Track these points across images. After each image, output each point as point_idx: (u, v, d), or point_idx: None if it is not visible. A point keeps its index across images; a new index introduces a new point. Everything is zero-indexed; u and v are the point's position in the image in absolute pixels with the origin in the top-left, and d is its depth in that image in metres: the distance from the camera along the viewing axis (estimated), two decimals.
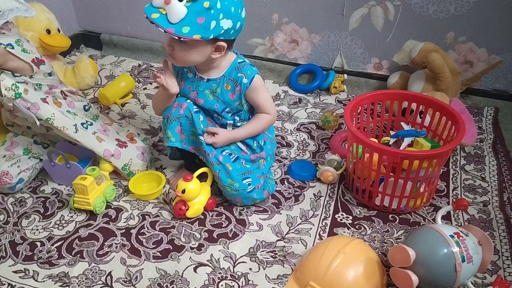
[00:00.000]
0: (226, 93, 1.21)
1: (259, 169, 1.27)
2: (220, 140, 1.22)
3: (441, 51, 1.63)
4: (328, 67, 1.87)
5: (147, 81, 1.91)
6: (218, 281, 1.08)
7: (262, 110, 1.26)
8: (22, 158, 1.33)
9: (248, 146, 1.29)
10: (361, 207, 1.29)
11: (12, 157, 1.32)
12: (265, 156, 1.29)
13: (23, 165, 1.32)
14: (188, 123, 1.22)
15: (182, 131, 1.24)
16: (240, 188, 1.21)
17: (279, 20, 1.83)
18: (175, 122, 1.23)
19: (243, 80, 1.19)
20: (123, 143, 1.37)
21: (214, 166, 1.23)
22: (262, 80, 1.23)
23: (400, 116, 1.42)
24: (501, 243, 1.17)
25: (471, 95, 1.75)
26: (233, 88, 1.20)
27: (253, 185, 1.23)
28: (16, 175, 1.29)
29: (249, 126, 1.26)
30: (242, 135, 1.26)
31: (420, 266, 0.98)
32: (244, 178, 1.23)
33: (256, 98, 1.22)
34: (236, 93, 1.21)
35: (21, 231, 1.22)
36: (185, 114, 1.21)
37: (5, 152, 1.34)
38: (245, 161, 1.26)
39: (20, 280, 1.09)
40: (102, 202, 1.26)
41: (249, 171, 1.24)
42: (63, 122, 1.26)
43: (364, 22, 1.74)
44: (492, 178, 1.39)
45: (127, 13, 2.03)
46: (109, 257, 1.14)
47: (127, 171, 1.34)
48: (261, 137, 1.30)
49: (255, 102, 1.24)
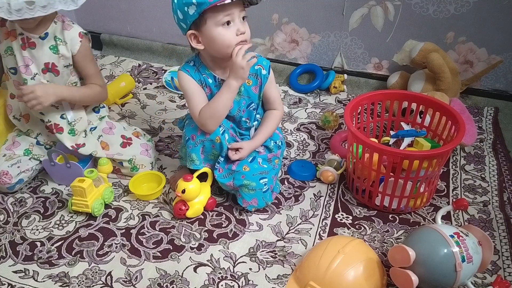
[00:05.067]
0: (249, 88, 1.22)
1: (273, 170, 1.27)
2: (246, 153, 1.23)
3: (441, 51, 1.62)
4: (328, 67, 1.87)
5: (147, 81, 1.91)
6: (218, 281, 1.08)
7: (272, 105, 1.28)
8: (22, 158, 1.33)
9: (265, 146, 1.30)
10: (361, 207, 1.29)
11: (12, 157, 1.32)
12: (280, 155, 1.31)
13: (23, 165, 1.32)
14: (211, 146, 1.22)
15: (202, 152, 1.24)
16: (257, 188, 1.21)
17: (279, 20, 1.83)
18: (199, 145, 1.22)
19: (262, 72, 1.22)
20: (128, 139, 1.39)
21: (225, 179, 1.23)
22: None
23: (400, 116, 1.42)
24: (501, 243, 1.17)
25: (471, 95, 1.75)
26: (254, 82, 1.22)
27: (267, 186, 1.23)
28: (16, 175, 1.29)
29: (265, 128, 1.27)
30: (262, 139, 1.27)
31: (420, 266, 0.98)
32: (261, 178, 1.22)
33: (272, 90, 1.27)
34: (258, 86, 1.23)
35: (21, 231, 1.22)
36: (210, 138, 1.20)
37: (6, 152, 1.34)
38: (262, 160, 1.26)
39: (20, 280, 1.09)
40: (100, 205, 1.25)
41: (266, 171, 1.24)
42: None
43: (364, 22, 1.73)
44: (492, 178, 1.39)
45: (127, 13, 2.03)
46: (109, 257, 1.14)
47: (132, 165, 1.35)
48: (277, 137, 1.31)
49: (270, 95, 1.26)
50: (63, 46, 1.25)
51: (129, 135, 1.40)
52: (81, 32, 1.27)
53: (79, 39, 1.26)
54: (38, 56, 1.24)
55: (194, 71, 1.21)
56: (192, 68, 1.21)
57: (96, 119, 1.41)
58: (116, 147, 1.36)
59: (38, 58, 1.25)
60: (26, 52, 1.24)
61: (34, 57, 1.24)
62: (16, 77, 1.28)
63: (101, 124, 1.40)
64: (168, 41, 2.04)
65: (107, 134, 1.38)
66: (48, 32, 1.24)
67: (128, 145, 1.37)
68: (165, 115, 1.70)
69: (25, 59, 1.24)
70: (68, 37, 1.25)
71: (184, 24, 1.12)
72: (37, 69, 1.25)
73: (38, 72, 1.26)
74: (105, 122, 1.41)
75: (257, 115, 1.29)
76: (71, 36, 1.25)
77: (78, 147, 1.33)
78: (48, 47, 1.24)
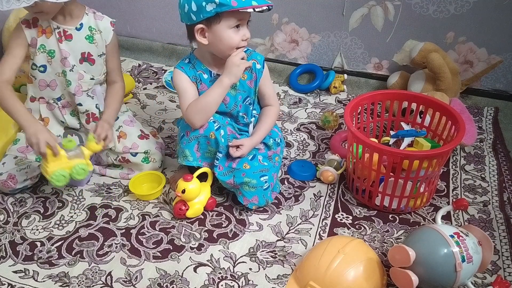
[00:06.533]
0: (244, 83, 1.24)
1: (274, 167, 1.27)
2: (247, 150, 1.22)
3: (441, 51, 1.63)
4: (328, 67, 1.87)
5: (147, 81, 1.91)
6: (218, 281, 1.08)
7: (268, 101, 1.30)
8: (32, 164, 1.30)
9: (264, 144, 1.30)
10: (361, 207, 1.29)
11: (23, 162, 1.29)
12: (280, 152, 1.31)
13: (31, 172, 1.29)
14: (206, 142, 1.22)
15: (198, 149, 1.24)
16: (258, 185, 1.21)
17: (279, 20, 1.83)
18: (194, 142, 1.23)
19: (256, 66, 1.23)
20: (146, 135, 1.41)
21: (225, 177, 1.23)
22: None
23: (400, 116, 1.42)
24: (501, 243, 1.17)
25: (471, 95, 1.75)
26: (249, 76, 1.23)
27: (268, 183, 1.23)
28: (22, 181, 1.28)
29: (263, 125, 1.28)
30: (262, 136, 1.27)
31: (420, 266, 0.98)
32: (261, 175, 1.22)
33: (267, 86, 1.28)
34: (253, 80, 1.24)
35: (21, 231, 1.22)
36: (204, 134, 1.21)
37: (18, 153, 1.31)
38: (263, 157, 1.26)
39: (20, 280, 1.09)
40: (62, 177, 1.16)
41: (267, 168, 1.24)
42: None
43: (364, 22, 1.74)
44: (492, 178, 1.39)
45: (127, 13, 2.03)
46: (109, 257, 1.14)
47: (144, 156, 1.37)
48: (276, 134, 1.32)
49: (265, 90, 1.28)
50: (98, 35, 1.29)
51: (147, 131, 1.43)
52: (112, 21, 1.32)
53: (112, 28, 1.31)
54: (75, 47, 1.28)
55: (189, 68, 1.22)
56: (187, 65, 1.22)
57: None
58: (133, 137, 1.38)
59: (75, 49, 1.28)
60: (64, 45, 1.26)
61: (72, 48, 1.27)
62: (44, 75, 1.29)
63: (123, 116, 1.42)
64: (168, 41, 2.04)
65: (127, 126, 1.40)
66: (83, 22, 1.27)
67: (145, 138, 1.39)
68: (165, 115, 1.70)
69: (62, 52, 1.26)
70: (101, 26, 1.29)
71: (194, 16, 1.11)
72: (75, 61, 1.28)
73: (76, 64, 1.29)
74: (127, 115, 1.44)
75: (254, 111, 1.29)
76: (104, 26, 1.30)
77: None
78: (84, 37, 1.28)
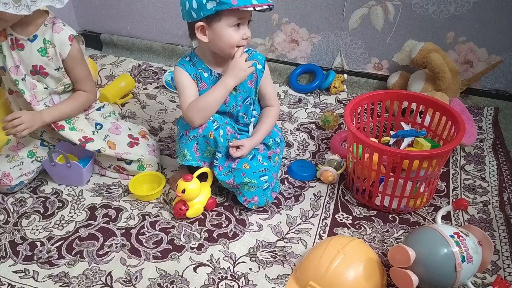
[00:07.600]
0: (245, 83, 1.23)
1: (274, 167, 1.27)
2: (247, 151, 1.22)
3: (441, 51, 1.63)
4: (328, 67, 1.87)
5: (147, 81, 1.91)
6: (218, 281, 1.08)
7: (268, 101, 1.30)
8: (25, 161, 1.32)
9: (264, 144, 1.30)
10: (361, 207, 1.29)
11: (15, 159, 1.31)
12: (279, 152, 1.31)
13: (25, 168, 1.31)
14: (205, 142, 1.22)
15: (197, 149, 1.24)
16: (258, 185, 1.21)
17: (279, 20, 1.83)
18: (193, 141, 1.23)
19: (257, 66, 1.23)
20: (135, 139, 1.38)
21: (225, 177, 1.23)
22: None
23: (400, 116, 1.42)
24: (501, 243, 1.17)
25: (471, 95, 1.75)
26: (250, 76, 1.23)
27: (268, 183, 1.23)
28: (17, 177, 1.29)
29: (263, 125, 1.27)
30: (262, 136, 1.27)
31: (420, 266, 0.98)
32: (261, 175, 1.22)
33: (267, 86, 1.28)
34: (254, 81, 1.24)
35: (21, 231, 1.22)
36: (203, 134, 1.21)
37: (9, 152, 1.33)
38: (262, 157, 1.26)
39: (20, 280, 1.09)
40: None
41: (266, 168, 1.24)
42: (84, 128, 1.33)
43: (364, 22, 1.74)
44: (492, 178, 1.39)
45: (127, 13, 2.03)
46: (109, 257, 1.14)
47: (139, 164, 1.35)
48: (275, 134, 1.32)
49: (265, 90, 1.28)
50: (52, 48, 1.22)
51: (136, 134, 1.40)
52: (72, 35, 1.23)
53: (69, 42, 1.22)
54: (26, 58, 1.23)
55: (190, 65, 1.22)
56: (188, 63, 1.22)
57: (99, 116, 1.39)
58: (123, 147, 1.35)
59: (26, 60, 1.23)
60: (15, 53, 1.23)
61: (23, 58, 1.23)
62: (6, 77, 1.28)
63: (107, 123, 1.38)
64: (168, 41, 2.04)
65: (114, 134, 1.37)
66: (37, 34, 1.22)
67: (136, 145, 1.37)
68: (165, 115, 1.70)
69: (15, 60, 1.23)
70: (57, 40, 1.22)
71: (195, 14, 1.11)
72: (26, 71, 1.24)
73: (27, 73, 1.24)
74: (110, 122, 1.39)
75: (254, 111, 1.29)
76: (60, 39, 1.22)
77: (87, 141, 1.30)
78: (37, 50, 1.22)
